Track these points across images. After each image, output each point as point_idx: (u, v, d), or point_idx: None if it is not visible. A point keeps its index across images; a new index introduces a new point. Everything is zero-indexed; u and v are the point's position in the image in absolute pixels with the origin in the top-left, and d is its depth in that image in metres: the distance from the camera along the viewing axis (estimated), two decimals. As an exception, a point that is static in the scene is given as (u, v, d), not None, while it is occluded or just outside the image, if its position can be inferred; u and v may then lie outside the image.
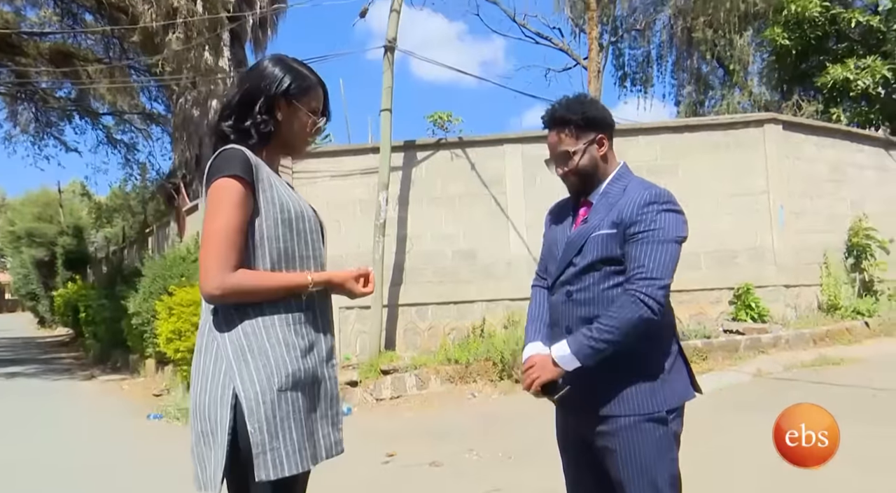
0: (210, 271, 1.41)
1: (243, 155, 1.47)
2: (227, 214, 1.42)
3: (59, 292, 19.97)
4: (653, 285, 1.60)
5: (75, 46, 16.92)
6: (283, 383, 1.41)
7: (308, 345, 1.49)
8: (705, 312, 7.29)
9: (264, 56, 1.64)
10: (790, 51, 11.29)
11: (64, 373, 11.73)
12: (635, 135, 7.61)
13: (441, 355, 6.81)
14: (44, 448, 5.50)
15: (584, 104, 1.77)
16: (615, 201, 1.71)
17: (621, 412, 1.65)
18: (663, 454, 1.66)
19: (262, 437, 1.37)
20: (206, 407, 1.42)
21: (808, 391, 5.20)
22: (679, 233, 1.68)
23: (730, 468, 3.68)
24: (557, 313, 1.77)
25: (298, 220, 1.52)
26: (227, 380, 1.41)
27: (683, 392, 1.72)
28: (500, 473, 3.91)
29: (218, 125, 1.56)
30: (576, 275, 1.72)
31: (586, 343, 1.62)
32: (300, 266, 1.52)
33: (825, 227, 7.92)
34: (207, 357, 1.45)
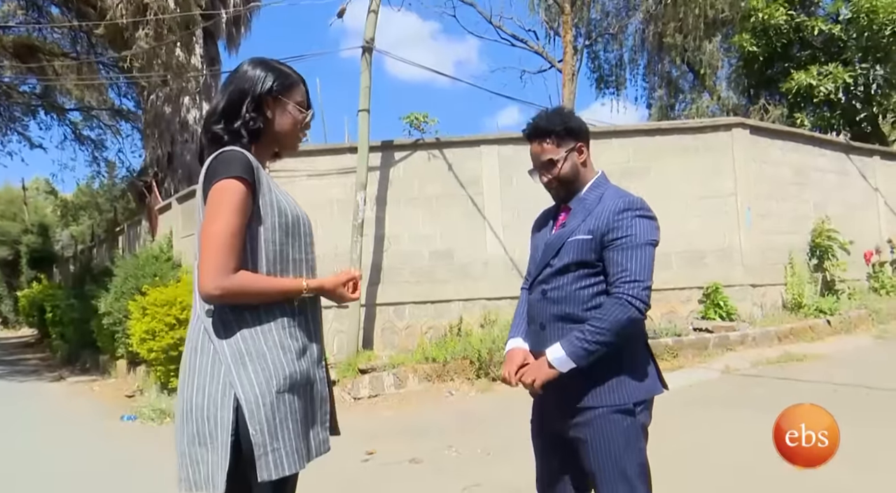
0: (211, 272, 1.42)
1: (245, 157, 1.50)
2: (229, 217, 1.44)
3: (23, 292, 19.44)
4: (637, 287, 1.73)
5: (40, 40, 16.47)
6: (281, 385, 1.45)
7: (301, 348, 1.53)
8: (676, 310, 7.49)
9: (243, 61, 1.66)
10: (757, 57, 11.63)
11: (31, 374, 11.46)
12: (609, 137, 7.78)
13: (419, 354, 6.86)
14: (15, 452, 5.41)
15: (564, 115, 1.91)
16: (592, 208, 1.84)
17: (592, 403, 1.78)
18: (632, 444, 1.77)
19: (264, 438, 1.41)
20: (205, 408, 1.43)
21: (774, 387, 5.42)
22: (653, 237, 1.81)
23: (699, 461, 3.82)
24: (534, 310, 1.90)
25: (295, 225, 1.57)
26: (227, 383, 1.43)
27: (651, 387, 1.84)
28: (479, 469, 3.99)
29: (208, 128, 1.58)
30: (551, 275, 1.85)
31: (580, 346, 1.72)
32: (293, 270, 1.56)
33: (790, 228, 8.20)
34: (203, 358, 1.47)
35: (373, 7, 7.57)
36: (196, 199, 1.55)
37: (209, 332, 1.46)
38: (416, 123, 7.85)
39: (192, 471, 1.44)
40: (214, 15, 10.97)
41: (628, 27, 16.12)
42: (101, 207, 24.72)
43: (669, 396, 5.92)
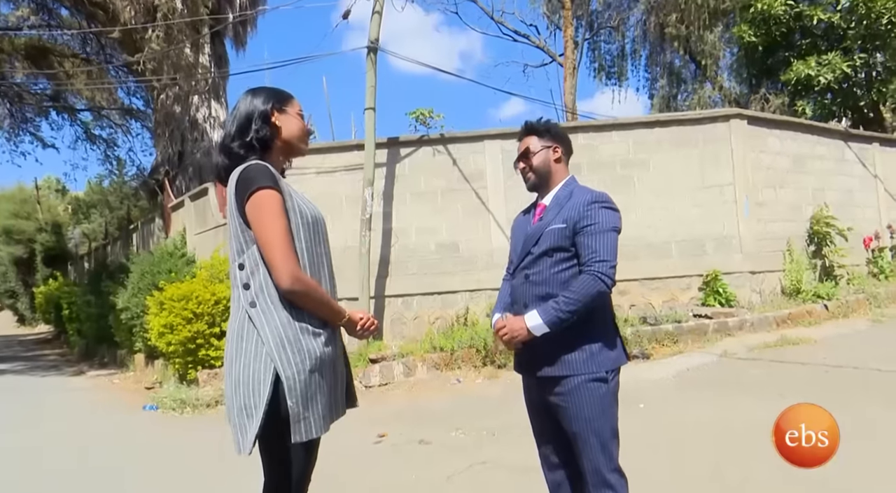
0: (283, 267, 1.69)
1: (268, 169, 1.75)
2: (281, 220, 1.70)
3: (39, 290, 19.82)
4: (605, 265, 2.02)
5: (51, 42, 16.75)
6: (313, 364, 1.72)
7: (328, 335, 1.80)
8: (676, 298, 7.69)
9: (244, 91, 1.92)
10: (757, 47, 11.72)
11: (51, 369, 11.82)
12: (609, 130, 7.95)
13: (427, 343, 7.10)
14: (47, 441, 5.71)
15: (550, 124, 2.29)
16: (564, 203, 2.15)
17: (568, 372, 2.06)
18: (606, 408, 2.07)
19: (298, 409, 1.69)
20: (251, 384, 1.69)
21: (769, 370, 5.63)
22: (616, 225, 2.11)
23: (692, 438, 4.04)
24: (517, 293, 2.21)
25: (316, 224, 1.83)
26: (269, 362, 1.69)
27: (618, 358, 2.13)
28: (485, 449, 4.23)
29: (225, 148, 1.84)
30: (533, 261, 2.15)
31: (555, 314, 2.02)
32: (318, 263, 1.82)
33: (788, 216, 8.37)
34: (248, 343, 1.72)
35: (377, 8, 7.76)
36: (229, 208, 1.79)
37: (253, 321, 1.72)
38: (421, 119, 8.05)
39: (241, 437, 1.71)
40: (222, 17, 11.18)
41: (629, 19, 16.22)
42: (112, 205, 25.09)
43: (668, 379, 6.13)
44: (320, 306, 1.77)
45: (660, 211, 7.65)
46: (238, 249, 1.77)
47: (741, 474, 3.35)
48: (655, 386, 5.43)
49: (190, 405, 6.57)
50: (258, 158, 1.80)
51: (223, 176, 1.85)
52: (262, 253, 1.73)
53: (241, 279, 1.76)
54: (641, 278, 7.61)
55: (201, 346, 7.16)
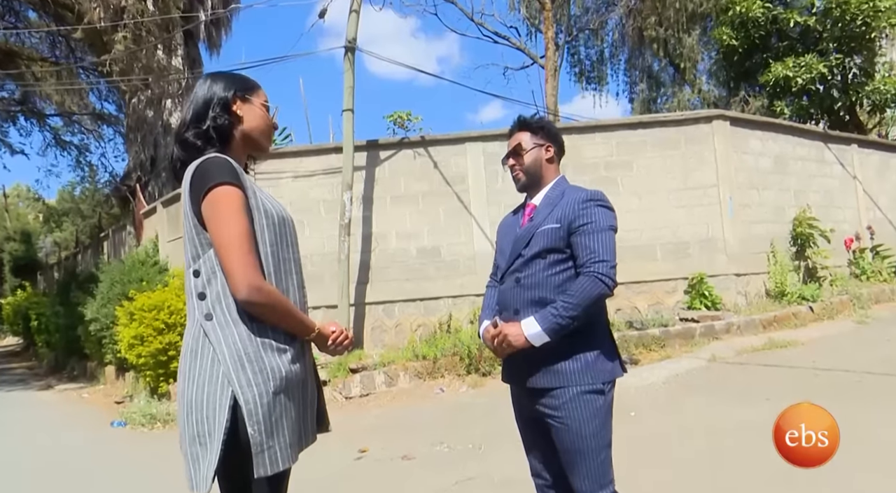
0: (240, 273, 1.46)
1: (228, 162, 1.54)
2: (240, 221, 1.49)
3: (7, 300, 19.19)
4: (606, 266, 1.88)
5: (18, 45, 16.25)
6: (277, 386, 1.49)
7: (296, 352, 1.58)
8: (662, 301, 7.59)
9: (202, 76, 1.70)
10: (736, 49, 11.77)
11: (18, 383, 11.37)
12: (591, 132, 7.84)
13: (409, 351, 6.90)
14: (5, 462, 5.37)
15: (545, 121, 2.17)
16: (556, 202, 2.00)
17: (562, 383, 1.89)
18: (602, 423, 1.90)
19: (261, 437, 1.45)
20: (204, 409, 1.46)
21: (758, 374, 5.53)
22: (613, 223, 1.97)
23: (680, 446, 3.90)
24: (507, 298, 2.02)
25: (281, 224, 1.61)
26: (225, 384, 1.46)
27: (614, 369, 1.96)
28: (471, 463, 4.04)
29: (180, 137, 1.63)
30: (524, 263, 1.98)
31: (554, 321, 1.84)
32: (284, 268, 1.60)
33: (771, 217, 8.33)
34: (203, 361, 1.49)
35: (354, 7, 7.57)
36: (183, 207, 1.56)
37: (208, 335, 1.50)
38: (399, 122, 7.87)
39: (193, 471, 1.48)
40: (194, 17, 10.89)
41: (608, 22, 16.26)
42: (85, 213, 24.45)
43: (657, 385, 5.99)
44: (285, 319, 1.55)
45: (644, 213, 7.55)
46: (193, 253, 1.55)
47: (736, 480, 3.21)
48: (645, 393, 5.29)
49: (160, 421, 6.28)
50: (217, 151, 1.59)
51: (178, 170, 1.63)
52: (219, 258, 1.51)
53: (195, 288, 1.54)
54: (627, 281, 7.48)
55: (173, 358, 6.86)
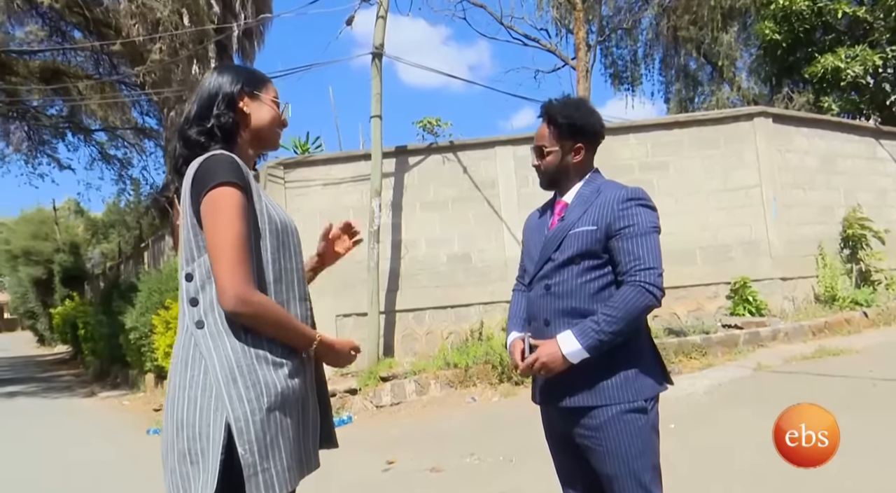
0: (229, 281, 1.36)
1: (233, 160, 1.44)
2: (236, 224, 1.38)
3: (57, 310, 19.90)
4: (653, 274, 1.69)
5: (65, 64, 16.92)
6: (273, 402, 1.38)
7: (294, 366, 1.46)
8: (703, 307, 7.28)
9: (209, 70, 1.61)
10: (779, 44, 11.32)
11: (64, 391, 11.70)
12: (626, 133, 7.61)
13: (440, 359, 6.78)
14: (44, 468, 5.47)
15: (578, 110, 1.84)
16: (591, 201, 1.80)
17: (599, 402, 1.70)
18: (646, 444, 1.70)
19: (254, 458, 1.34)
20: (196, 425, 1.36)
21: (809, 384, 5.20)
22: (657, 224, 1.77)
23: (726, 464, 3.66)
24: (535, 307, 1.83)
25: (284, 232, 1.51)
26: (217, 399, 1.36)
27: (658, 383, 1.77)
28: (501, 476, 3.89)
29: (182, 134, 1.54)
30: (554, 269, 1.79)
31: (596, 337, 1.66)
32: (285, 278, 1.50)
33: (819, 218, 7.92)
34: (194, 372, 1.39)
35: (381, 13, 7.55)
36: (183, 208, 1.46)
37: (199, 345, 1.40)
38: (428, 128, 7.81)
39: (182, 489, 1.38)
40: (227, 28, 11.10)
41: (642, 21, 15.88)
42: (129, 225, 25.25)
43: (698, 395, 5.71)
44: (279, 331, 1.43)
45: (682, 216, 7.27)
46: (188, 255, 1.44)
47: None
48: (685, 403, 5.03)
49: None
50: (222, 147, 1.49)
51: (180, 168, 1.52)
52: (210, 263, 1.40)
53: (188, 293, 1.43)
54: (665, 286, 7.20)
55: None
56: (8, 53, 15.56)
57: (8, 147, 19.49)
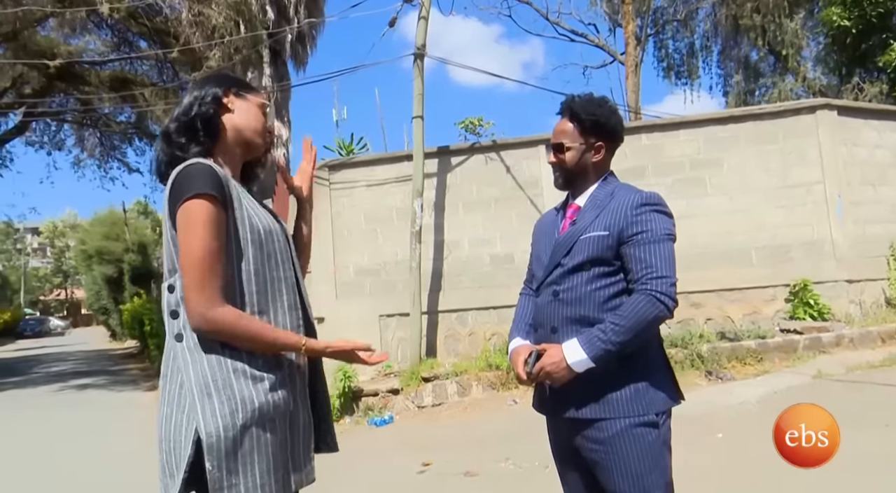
0: (196, 300, 1.35)
1: (211, 170, 1.40)
2: (203, 238, 1.35)
3: (126, 307, 20.96)
4: (665, 283, 1.61)
5: (132, 72, 17.85)
6: (248, 418, 1.35)
7: (277, 380, 1.42)
8: (759, 311, 6.92)
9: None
10: (849, 31, 10.65)
11: (129, 384, 12.30)
12: (675, 129, 7.32)
13: (482, 361, 6.73)
14: (92, 458, 5.75)
15: (600, 108, 1.79)
16: (604, 205, 1.73)
17: (608, 414, 1.63)
18: (657, 460, 1.62)
19: (220, 474, 1.31)
20: (171, 439, 1.37)
21: (875, 394, 4.86)
22: (672, 232, 1.68)
23: (780, 475, 3.44)
24: (543, 313, 1.77)
25: (267, 239, 1.46)
26: (191, 413, 1.34)
27: (670, 396, 1.68)
28: (535, 483, 3.82)
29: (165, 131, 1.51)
30: (563, 275, 1.72)
31: (602, 347, 1.59)
32: (271, 288, 1.46)
33: (890, 216, 7.39)
34: (172, 386, 1.39)
35: (423, 13, 7.55)
36: (163, 216, 1.46)
37: (177, 359, 1.38)
38: (470, 128, 7.76)
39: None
40: (280, 33, 11.39)
41: (698, 12, 15.25)
42: (193, 225, 26.32)
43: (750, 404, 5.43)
44: (254, 343, 1.39)
45: (736, 214, 6.94)
46: (170, 266, 1.42)
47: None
48: (736, 412, 4.79)
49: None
50: (204, 151, 1.46)
51: (163, 172, 1.48)
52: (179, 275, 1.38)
53: (168, 305, 1.41)
54: (717, 289, 6.90)
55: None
56: (81, 64, 16.52)
57: (83, 153, 20.77)
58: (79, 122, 20.06)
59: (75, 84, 17.65)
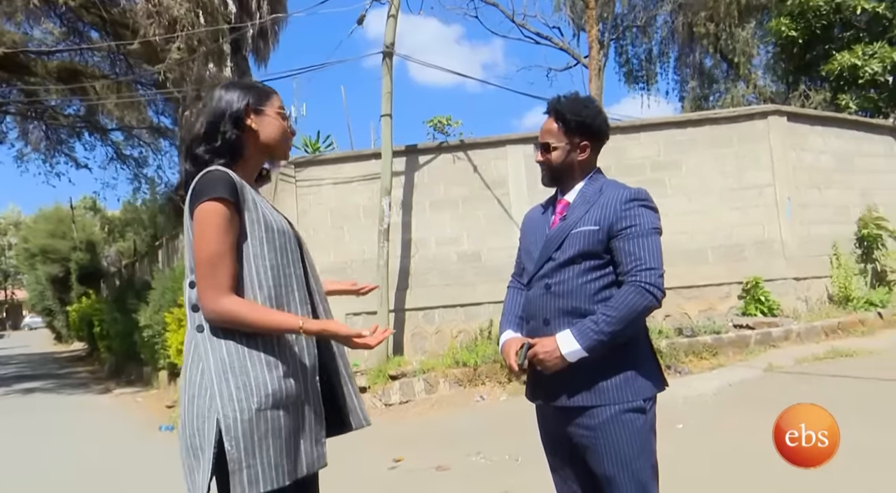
0: (206, 295, 1.49)
1: (227, 177, 1.52)
2: (218, 239, 1.49)
3: (73, 307, 20.18)
4: (654, 274, 1.69)
5: (82, 64, 17.13)
6: (263, 402, 1.46)
7: (292, 365, 1.54)
8: (714, 307, 7.21)
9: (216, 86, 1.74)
10: (795, 41, 11.17)
11: (80, 387, 11.86)
12: (636, 132, 7.55)
13: (449, 358, 6.79)
14: (55, 464, 5.55)
15: (586, 108, 1.85)
16: (593, 200, 1.79)
17: (598, 402, 1.70)
18: (644, 445, 1.71)
19: (239, 455, 1.43)
20: (195, 421, 1.48)
21: (821, 385, 5.14)
22: (658, 225, 1.78)
23: (735, 463, 3.62)
24: (535, 306, 1.83)
25: (280, 238, 1.59)
26: (211, 398, 1.47)
27: (656, 383, 1.77)
28: (508, 476, 3.89)
29: (191, 152, 1.63)
30: (555, 269, 1.79)
31: (595, 338, 1.66)
32: (285, 283, 1.58)
33: (834, 218, 7.82)
34: (194, 372, 1.51)
35: (392, 12, 7.56)
36: (185, 220, 1.57)
37: (199, 348, 1.52)
38: (439, 127, 7.81)
39: (189, 480, 1.52)
40: (241, 28, 11.18)
41: (656, 19, 15.74)
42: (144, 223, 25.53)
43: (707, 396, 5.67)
44: (261, 327, 1.51)
45: (694, 215, 7.21)
46: (191, 265, 1.56)
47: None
48: (694, 404, 5.00)
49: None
50: (227, 162, 1.59)
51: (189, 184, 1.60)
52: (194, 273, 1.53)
53: (190, 300, 1.56)
54: (676, 286, 7.13)
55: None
56: (26, 54, 15.78)
57: (27, 146, 19.81)
58: (22, 114, 19.13)
59: (19, 74, 16.83)
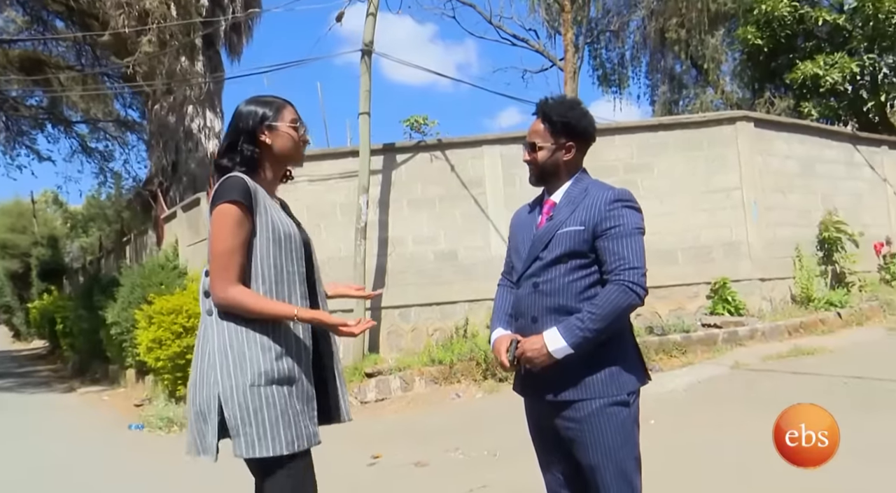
0: (217, 283, 1.73)
1: (243, 183, 1.75)
2: (229, 236, 1.72)
3: (34, 304, 19.58)
4: (636, 273, 1.76)
5: (46, 54, 16.61)
6: (255, 379, 1.69)
7: (288, 349, 1.75)
8: (684, 307, 7.41)
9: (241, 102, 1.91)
10: (761, 49, 11.52)
11: (41, 386, 11.54)
12: (611, 134, 7.71)
13: (425, 356, 6.83)
14: (22, 464, 5.42)
15: (572, 110, 1.90)
16: (579, 201, 1.85)
17: (585, 396, 1.77)
18: (628, 436, 1.78)
19: (235, 422, 1.67)
20: (203, 392, 1.72)
21: (784, 382, 5.34)
22: (641, 226, 1.83)
23: (705, 461, 3.76)
24: (523, 304, 1.89)
25: (287, 239, 1.79)
26: (213, 373, 1.71)
27: (640, 377, 1.85)
28: (486, 470, 3.95)
29: (218, 163, 1.88)
30: (542, 268, 1.85)
31: (581, 335, 1.72)
32: (287, 280, 1.79)
33: (797, 221, 8.10)
34: (203, 350, 1.76)
35: (371, 10, 7.56)
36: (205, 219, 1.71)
37: (207, 329, 1.77)
38: (416, 126, 7.83)
39: (198, 440, 1.74)
40: (214, 22, 11.01)
41: (630, 24, 16.05)
42: (110, 219, 24.88)
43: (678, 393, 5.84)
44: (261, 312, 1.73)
45: (665, 217, 7.38)
46: (209, 257, 1.81)
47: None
48: (665, 400, 5.14)
49: (177, 424, 6.29)
50: (247, 170, 1.82)
51: None
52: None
53: (204, 286, 1.81)
54: (648, 286, 7.32)
55: (191, 362, 6.88)
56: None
57: (-16, 137, 19.11)
58: (-20, 104, 18.45)
59: (-24, 63, 16.24)
